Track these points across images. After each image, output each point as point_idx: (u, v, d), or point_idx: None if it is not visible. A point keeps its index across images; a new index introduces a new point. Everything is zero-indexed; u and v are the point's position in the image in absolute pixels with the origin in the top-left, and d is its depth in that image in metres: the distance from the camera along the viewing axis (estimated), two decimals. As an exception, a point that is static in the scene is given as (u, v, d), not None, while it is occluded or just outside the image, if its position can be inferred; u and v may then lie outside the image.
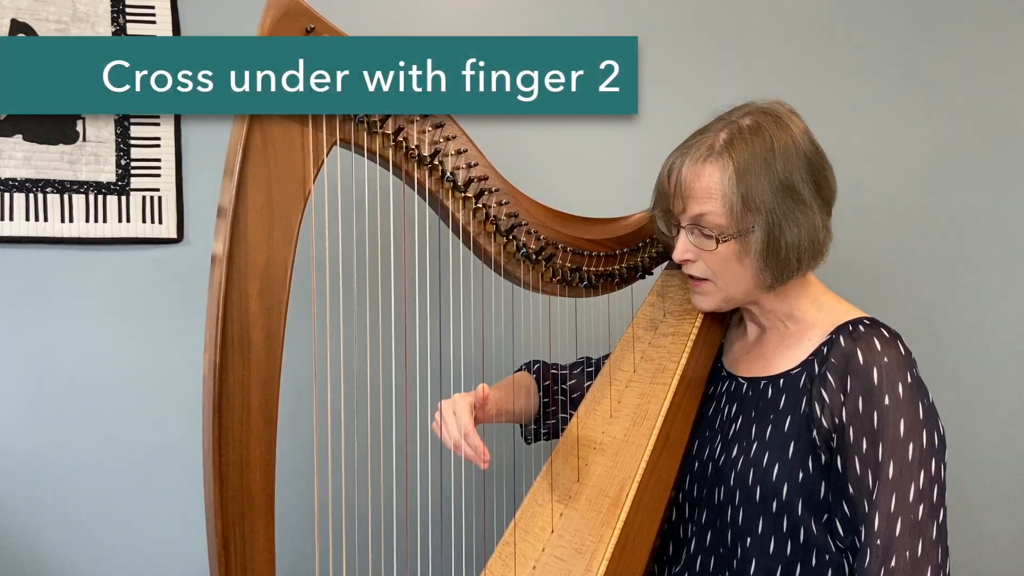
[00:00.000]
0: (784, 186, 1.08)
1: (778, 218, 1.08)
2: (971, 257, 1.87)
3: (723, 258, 1.12)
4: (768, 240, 1.09)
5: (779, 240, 1.09)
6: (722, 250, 1.11)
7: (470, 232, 1.16)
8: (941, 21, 1.84)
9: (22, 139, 1.47)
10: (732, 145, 1.09)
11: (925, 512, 1.01)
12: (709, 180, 1.10)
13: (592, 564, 1.09)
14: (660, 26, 1.73)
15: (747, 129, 1.10)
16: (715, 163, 1.09)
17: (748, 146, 1.09)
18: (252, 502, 0.98)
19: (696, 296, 1.20)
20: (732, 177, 1.08)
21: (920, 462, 1.02)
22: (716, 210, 1.10)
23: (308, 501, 1.09)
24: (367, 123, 1.05)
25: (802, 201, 1.09)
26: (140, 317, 1.54)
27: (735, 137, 1.10)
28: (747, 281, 1.13)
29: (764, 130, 1.10)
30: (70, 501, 1.52)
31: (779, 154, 1.08)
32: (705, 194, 1.10)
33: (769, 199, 1.08)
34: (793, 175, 1.08)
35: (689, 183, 1.12)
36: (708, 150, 1.11)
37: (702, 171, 1.10)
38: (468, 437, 1.12)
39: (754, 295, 1.16)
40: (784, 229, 1.08)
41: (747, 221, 1.08)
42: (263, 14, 0.99)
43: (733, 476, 1.13)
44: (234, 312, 0.97)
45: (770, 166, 1.08)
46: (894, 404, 1.03)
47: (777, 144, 1.09)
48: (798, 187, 1.09)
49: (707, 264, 1.14)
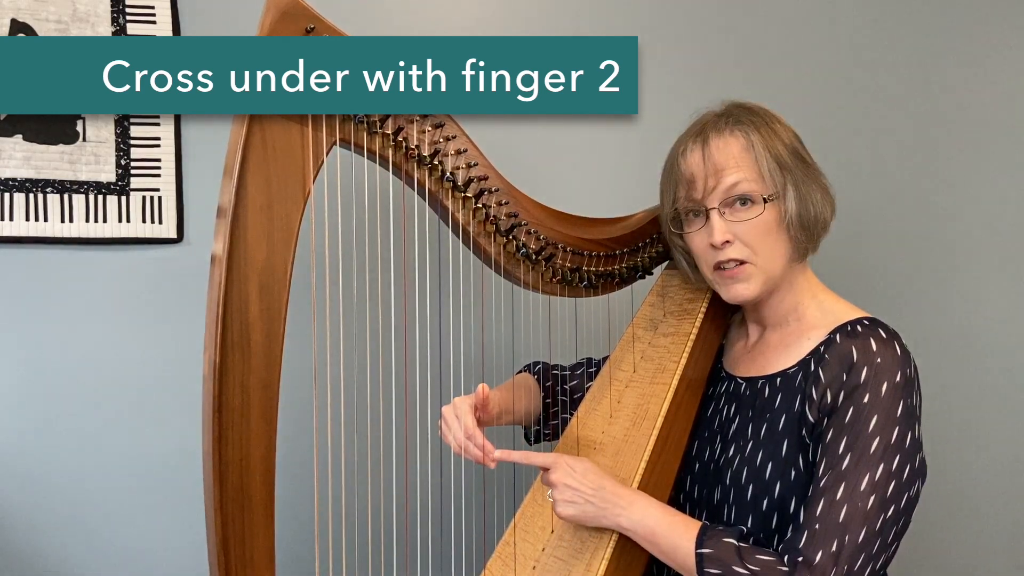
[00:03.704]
0: (794, 150, 1.14)
1: (802, 179, 1.13)
2: (971, 257, 1.87)
3: (764, 227, 1.12)
4: (800, 199, 1.12)
5: (808, 200, 1.13)
6: (766, 215, 1.12)
7: (470, 232, 1.16)
8: (940, 22, 1.84)
9: (22, 139, 1.47)
10: (740, 121, 1.14)
11: (875, 503, 1.00)
12: (737, 147, 1.13)
13: (592, 564, 1.09)
14: (660, 26, 1.73)
15: (744, 109, 1.16)
16: (738, 132, 1.13)
17: (754, 119, 1.14)
18: (252, 502, 0.98)
19: (737, 285, 1.14)
20: (759, 140, 1.12)
21: (882, 456, 1.01)
22: (751, 176, 1.12)
23: (308, 501, 1.09)
24: (367, 123, 1.05)
25: (809, 165, 1.15)
26: (140, 317, 1.54)
27: (740, 115, 1.15)
28: (785, 252, 1.14)
29: (757, 111, 1.16)
30: (70, 501, 1.52)
31: (779, 127, 1.15)
32: (736, 161, 1.12)
33: (790, 160, 1.12)
34: (795, 143, 1.15)
35: (719, 155, 1.13)
36: (725, 123, 1.14)
37: (729, 141, 1.13)
38: (472, 437, 1.12)
39: (783, 275, 1.16)
40: (810, 190, 1.13)
41: (781, 181, 1.12)
42: (263, 14, 0.99)
43: (729, 475, 1.13)
44: (234, 312, 0.97)
45: (778, 134, 1.14)
46: (872, 401, 1.03)
47: (774, 119, 1.16)
48: (802, 153, 1.15)
49: (747, 241, 1.13)
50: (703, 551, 1.03)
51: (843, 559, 0.98)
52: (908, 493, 1.02)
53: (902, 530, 1.03)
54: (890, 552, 1.03)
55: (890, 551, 1.03)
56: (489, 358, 1.59)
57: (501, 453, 1.12)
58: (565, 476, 1.10)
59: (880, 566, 1.02)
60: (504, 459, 1.12)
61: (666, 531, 1.07)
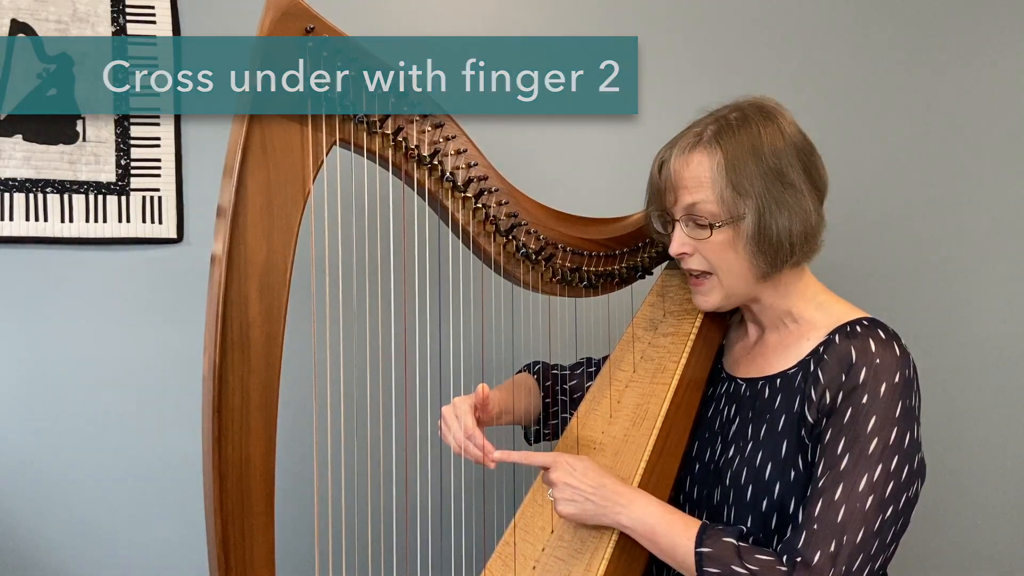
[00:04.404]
0: (773, 171, 1.09)
1: (768, 203, 1.09)
2: (971, 257, 1.87)
3: (719, 247, 1.12)
4: (760, 225, 1.09)
5: (770, 225, 1.09)
6: (716, 237, 1.11)
7: (470, 232, 1.16)
8: (940, 22, 1.84)
9: (22, 139, 1.47)
10: (720, 135, 1.11)
11: (873, 504, 1.00)
12: (698, 168, 1.11)
13: (592, 564, 1.09)
14: (660, 26, 1.73)
15: (734, 120, 1.12)
16: (703, 151, 1.11)
17: (735, 135, 1.11)
18: (252, 502, 0.98)
19: (698, 296, 1.19)
20: (721, 163, 1.09)
21: (880, 457, 1.01)
22: (707, 198, 1.10)
23: (308, 501, 1.09)
24: (367, 123, 1.05)
25: (791, 185, 1.10)
26: (140, 317, 1.54)
27: (723, 128, 1.12)
28: (744, 271, 1.13)
29: (751, 121, 1.12)
30: (69, 501, 1.52)
31: (767, 142, 1.10)
32: (695, 183, 1.11)
33: (759, 184, 1.09)
34: (781, 161, 1.10)
35: (679, 173, 1.13)
36: (696, 139, 1.12)
37: (690, 160, 1.12)
38: (472, 437, 1.12)
39: (755, 290, 1.16)
40: (775, 214, 1.09)
41: (737, 207, 1.09)
42: (263, 14, 0.99)
43: (729, 476, 1.13)
44: (234, 312, 0.97)
45: (758, 153, 1.10)
46: (870, 401, 1.03)
47: (764, 133, 1.11)
48: (787, 173, 1.10)
49: (705, 256, 1.14)
50: (703, 550, 1.03)
51: (841, 560, 0.98)
52: (907, 494, 1.02)
53: (901, 530, 1.03)
54: (889, 552, 1.03)
55: (889, 551, 1.03)
56: (489, 358, 1.59)
57: (501, 454, 1.12)
58: (565, 475, 1.10)
59: (879, 566, 1.02)
60: (504, 459, 1.12)
61: (666, 530, 1.07)
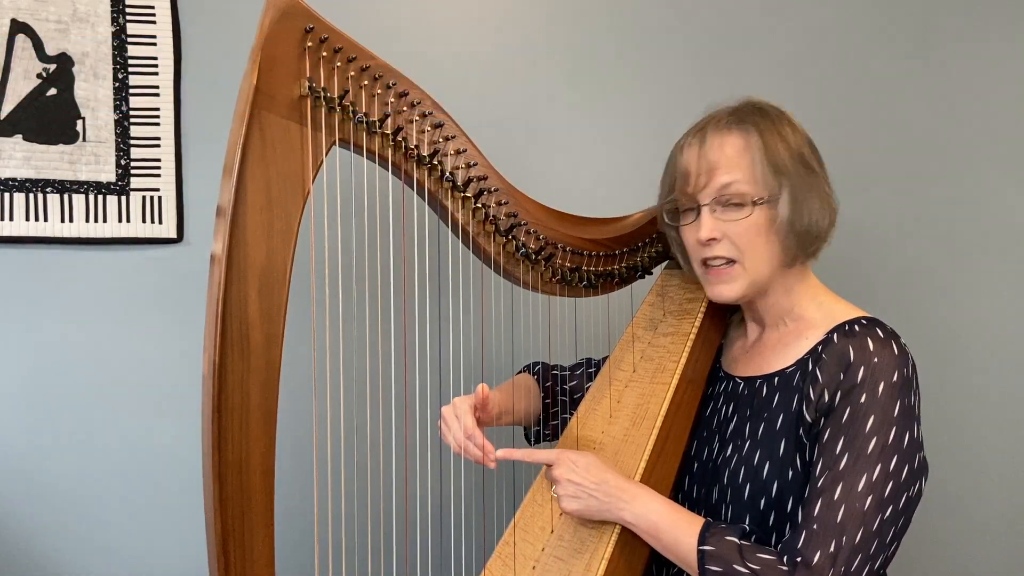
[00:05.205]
0: (798, 155, 1.12)
1: (801, 186, 1.11)
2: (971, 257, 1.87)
3: (752, 230, 1.11)
4: (794, 205, 1.10)
5: (803, 207, 1.11)
6: (754, 217, 1.11)
7: (470, 232, 1.16)
8: (939, 21, 1.84)
9: (22, 139, 1.47)
10: (747, 119, 1.13)
11: (872, 504, 0.99)
12: (734, 148, 1.12)
13: (592, 564, 1.09)
14: (660, 26, 1.73)
15: (753, 108, 1.15)
16: (738, 131, 1.12)
17: (761, 119, 1.13)
18: (251, 502, 0.98)
19: (720, 286, 1.15)
20: (759, 142, 1.11)
21: (879, 456, 1.00)
22: (743, 177, 1.11)
23: (308, 501, 1.09)
24: (366, 123, 1.05)
25: (814, 171, 1.13)
26: (140, 317, 1.54)
27: (748, 114, 1.14)
28: (773, 256, 1.13)
29: (766, 111, 1.15)
30: (69, 501, 1.52)
31: (786, 128, 1.13)
32: (731, 163, 1.11)
33: (791, 165, 1.11)
34: (802, 147, 1.13)
35: (715, 153, 1.12)
36: (729, 120, 1.13)
37: (726, 140, 1.12)
38: (472, 437, 1.12)
39: (773, 280, 1.15)
40: (807, 196, 1.11)
41: (774, 186, 1.10)
42: (263, 14, 0.99)
43: (727, 474, 1.13)
44: (234, 312, 0.97)
45: (785, 139, 1.12)
46: (869, 401, 1.02)
47: (781, 120, 1.14)
48: (810, 161, 1.13)
49: (734, 241, 1.12)
50: (705, 548, 1.03)
51: (840, 560, 0.98)
52: (907, 493, 1.02)
53: (901, 530, 1.03)
54: (889, 552, 1.03)
55: (889, 551, 1.03)
56: (489, 358, 1.59)
57: (503, 452, 1.12)
58: (568, 471, 1.10)
59: (879, 566, 1.02)
60: (506, 457, 1.12)
61: (669, 526, 1.07)
